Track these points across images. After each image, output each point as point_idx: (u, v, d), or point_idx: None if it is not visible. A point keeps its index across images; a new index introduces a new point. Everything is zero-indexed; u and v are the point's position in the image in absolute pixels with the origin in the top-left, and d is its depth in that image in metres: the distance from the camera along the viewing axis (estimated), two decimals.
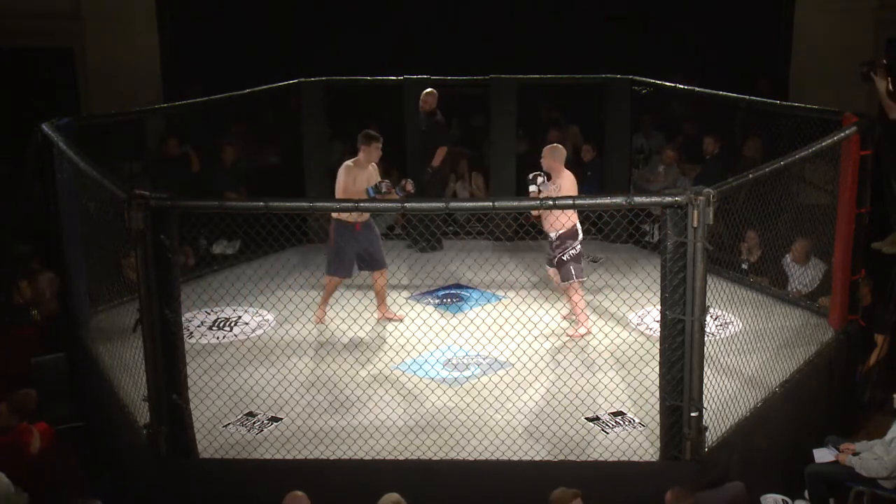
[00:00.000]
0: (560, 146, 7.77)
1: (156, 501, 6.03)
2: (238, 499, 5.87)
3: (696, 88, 9.15)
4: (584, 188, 10.56)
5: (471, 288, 8.80)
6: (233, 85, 9.73)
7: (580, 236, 7.59)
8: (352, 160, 7.81)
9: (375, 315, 7.99)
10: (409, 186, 7.77)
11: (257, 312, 8.24)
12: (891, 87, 7.42)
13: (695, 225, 5.36)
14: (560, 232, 7.49)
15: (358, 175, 7.69)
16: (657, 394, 5.83)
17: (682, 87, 9.31)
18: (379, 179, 7.79)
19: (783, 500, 6.15)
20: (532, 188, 7.38)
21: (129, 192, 5.57)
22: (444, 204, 5.72)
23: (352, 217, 7.64)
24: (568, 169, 7.66)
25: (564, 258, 7.54)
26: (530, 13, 12.58)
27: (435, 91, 9.60)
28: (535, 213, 7.58)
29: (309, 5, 12.69)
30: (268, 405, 6.55)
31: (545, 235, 7.69)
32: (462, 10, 12.51)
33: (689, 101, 9.66)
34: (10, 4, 12.01)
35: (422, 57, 10.98)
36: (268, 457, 6.01)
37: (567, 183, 7.51)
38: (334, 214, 7.70)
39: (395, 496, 5.24)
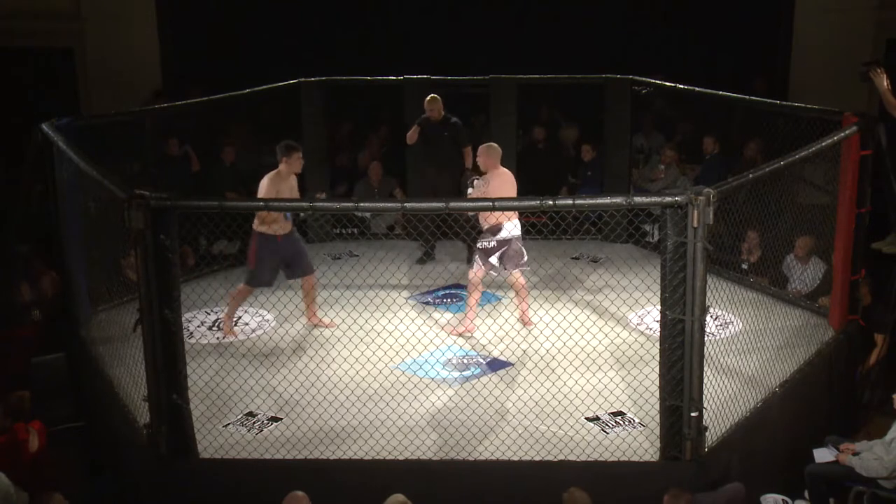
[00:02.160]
0: (495, 145, 7.83)
1: (156, 501, 6.03)
2: (238, 499, 5.87)
3: (696, 88, 9.15)
4: (585, 188, 10.62)
5: None
6: (233, 85, 9.73)
7: (502, 234, 7.55)
8: (275, 171, 7.61)
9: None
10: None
11: (257, 312, 8.24)
12: (889, 86, 7.43)
13: (695, 225, 5.36)
14: (488, 226, 7.57)
15: (280, 186, 7.54)
16: (657, 394, 5.83)
17: (681, 86, 9.31)
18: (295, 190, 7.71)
19: (783, 500, 6.15)
20: (469, 191, 7.68)
21: (129, 192, 5.57)
22: (443, 204, 5.71)
23: (272, 228, 7.55)
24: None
25: (479, 246, 7.62)
26: (530, 13, 12.58)
27: (437, 96, 9.30)
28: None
29: (309, 5, 12.69)
30: (268, 405, 6.55)
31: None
32: (462, 10, 12.51)
33: (686, 100, 9.65)
34: (10, 4, 12.02)
35: (422, 57, 10.98)
36: (268, 457, 6.01)
37: (496, 181, 7.57)
38: (256, 226, 7.61)
39: (400, 497, 5.24)
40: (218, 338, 7.78)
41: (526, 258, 7.74)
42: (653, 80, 9.64)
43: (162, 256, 5.53)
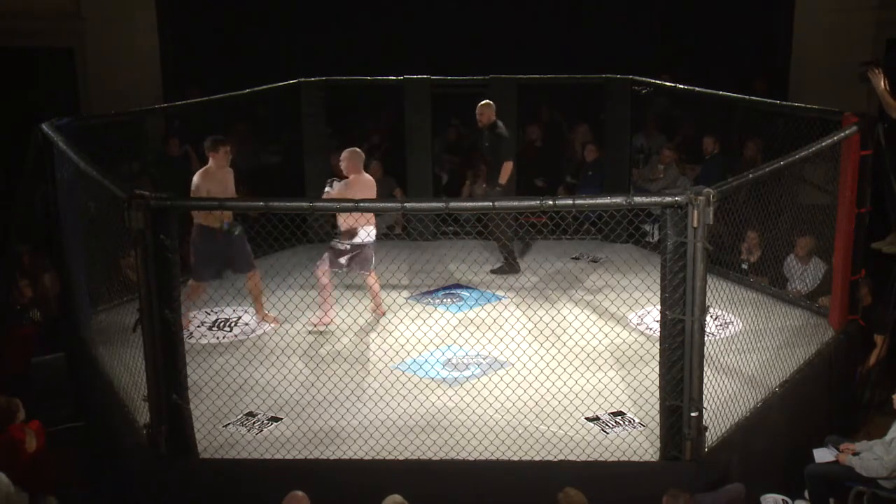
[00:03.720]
0: (359, 150, 7.90)
1: (156, 501, 6.03)
2: (238, 499, 5.87)
3: (696, 88, 9.15)
4: (584, 188, 10.62)
5: (471, 288, 8.80)
6: (233, 85, 9.74)
7: (358, 239, 7.72)
8: (204, 168, 7.79)
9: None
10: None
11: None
12: (887, 86, 7.43)
13: (695, 225, 5.36)
14: (346, 228, 7.72)
15: (211, 183, 7.66)
16: (657, 394, 5.83)
17: (682, 87, 9.31)
18: (232, 183, 7.84)
19: (783, 500, 6.15)
20: (326, 190, 7.76)
21: (129, 192, 5.57)
22: (444, 204, 5.71)
23: (214, 222, 7.62)
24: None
25: (332, 245, 7.80)
26: (530, 13, 12.58)
27: (492, 103, 9.18)
28: None
29: (309, 6, 12.69)
30: (268, 405, 6.55)
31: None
32: (462, 10, 12.52)
33: (686, 100, 9.65)
34: (10, 4, 12.02)
35: (422, 57, 10.99)
36: (268, 457, 6.01)
37: (357, 186, 7.68)
38: (197, 219, 7.69)
39: (397, 497, 5.24)
40: (218, 338, 7.79)
41: (373, 264, 7.89)
42: (653, 80, 9.64)
43: (162, 256, 5.53)
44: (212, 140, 7.83)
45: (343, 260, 7.83)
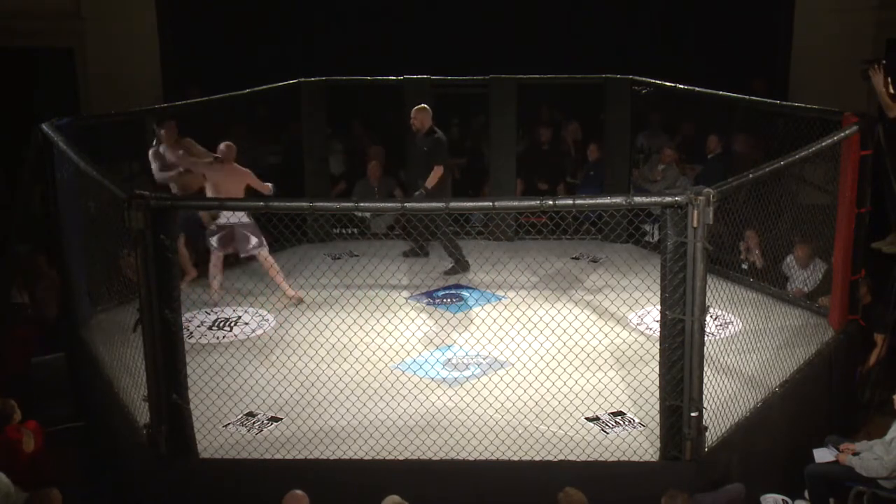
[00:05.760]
0: (233, 145, 8.43)
1: (156, 501, 6.03)
2: (238, 499, 5.87)
3: (696, 88, 9.14)
4: (585, 188, 10.62)
5: (471, 288, 8.80)
6: (233, 85, 9.74)
7: (220, 220, 8.26)
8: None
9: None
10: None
11: (257, 312, 8.24)
12: (891, 88, 7.43)
13: (695, 225, 5.36)
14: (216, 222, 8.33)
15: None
16: (657, 394, 5.83)
17: (682, 87, 9.30)
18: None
19: (783, 500, 6.15)
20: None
21: (129, 192, 5.58)
22: (444, 204, 5.71)
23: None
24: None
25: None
26: (530, 13, 12.57)
27: (427, 107, 9.07)
28: None
29: (309, 6, 12.69)
30: (268, 405, 6.55)
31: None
32: (462, 10, 12.51)
33: (686, 100, 9.64)
34: (10, 4, 12.02)
35: (422, 57, 10.98)
36: (268, 457, 6.01)
37: (228, 172, 8.26)
38: None
39: (396, 498, 5.24)
40: (218, 338, 7.79)
41: (254, 243, 8.28)
42: (653, 80, 9.64)
43: (162, 256, 5.54)
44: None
45: (214, 240, 8.24)
